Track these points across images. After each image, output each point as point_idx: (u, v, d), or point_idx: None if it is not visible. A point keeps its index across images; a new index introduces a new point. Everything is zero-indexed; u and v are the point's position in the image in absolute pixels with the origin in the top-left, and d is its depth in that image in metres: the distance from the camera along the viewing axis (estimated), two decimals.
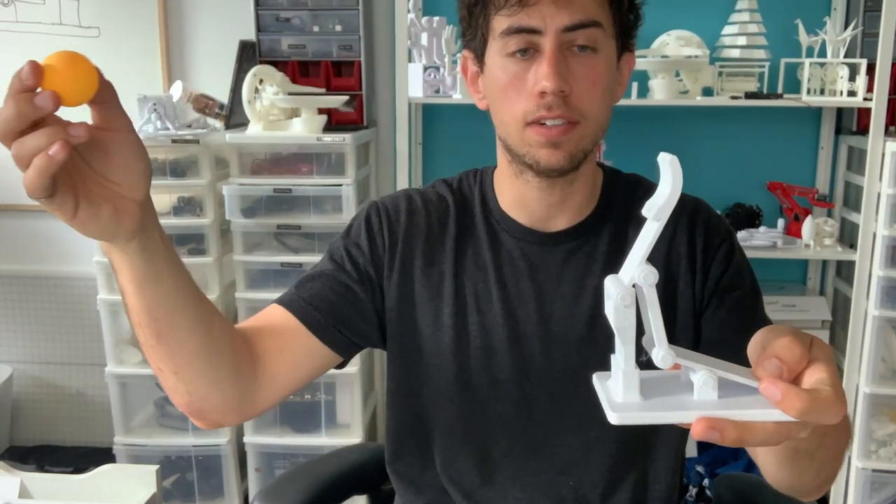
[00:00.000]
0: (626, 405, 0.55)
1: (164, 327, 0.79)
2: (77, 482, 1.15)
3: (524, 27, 0.84)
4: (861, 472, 2.12)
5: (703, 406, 0.54)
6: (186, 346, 0.80)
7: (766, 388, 0.52)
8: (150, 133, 2.05)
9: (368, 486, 1.19)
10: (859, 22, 2.16)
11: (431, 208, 1.00)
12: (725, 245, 0.97)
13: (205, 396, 0.85)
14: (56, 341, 2.63)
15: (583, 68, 0.85)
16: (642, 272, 0.55)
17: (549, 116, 0.85)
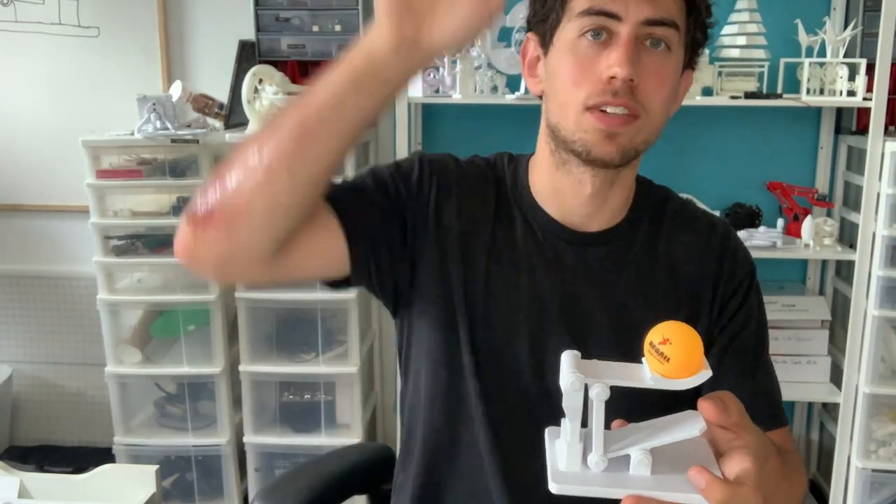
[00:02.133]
0: (566, 476, 0.62)
1: (349, 133, 0.78)
2: (77, 482, 1.15)
3: (605, 10, 0.83)
4: (861, 472, 2.12)
5: (636, 483, 0.61)
6: (331, 160, 0.79)
7: (694, 476, 0.60)
8: (149, 133, 2.04)
9: (368, 486, 1.19)
10: (859, 22, 2.16)
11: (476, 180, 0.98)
12: (746, 282, 0.98)
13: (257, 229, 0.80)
14: (56, 341, 2.63)
15: (654, 64, 0.85)
16: (596, 389, 0.60)
17: (613, 103, 0.84)
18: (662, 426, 0.63)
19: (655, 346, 0.60)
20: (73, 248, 2.55)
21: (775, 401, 0.98)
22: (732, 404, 0.63)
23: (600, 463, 0.61)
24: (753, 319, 0.98)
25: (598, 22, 0.84)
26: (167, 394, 2.28)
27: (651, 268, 0.96)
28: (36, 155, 2.49)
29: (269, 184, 0.77)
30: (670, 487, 0.60)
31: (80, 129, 2.23)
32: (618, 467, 0.62)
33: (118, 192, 2.13)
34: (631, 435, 0.63)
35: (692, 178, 2.34)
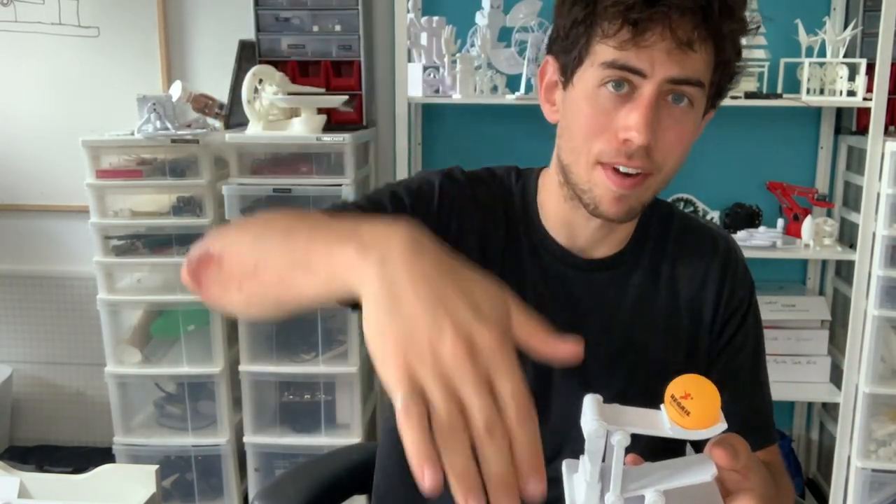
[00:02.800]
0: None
1: (292, 304, 0.69)
2: (77, 482, 1.15)
3: (630, 66, 0.80)
4: (861, 472, 2.12)
5: None
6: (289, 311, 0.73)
7: None
8: (149, 133, 2.04)
9: (369, 486, 1.19)
10: (859, 22, 2.16)
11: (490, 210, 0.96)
12: (747, 301, 0.98)
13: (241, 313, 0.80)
14: (56, 341, 2.63)
15: (673, 121, 0.82)
16: (618, 437, 0.61)
17: (626, 164, 0.82)
18: (676, 469, 0.66)
19: (677, 398, 0.62)
20: (73, 248, 2.55)
21: (768, 419, 1.00)
22: (742, 448, 0.64)
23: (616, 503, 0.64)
24: (751, 338, 0.99)
25: (621, 76, 0.81)
26: (167, 394, 2.28)
27: (654, 290, 0.97)
28: (36, 155, 2.49)
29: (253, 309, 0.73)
30: None
31: (80, 129, 2.23)
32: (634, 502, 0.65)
33: (118, 192, 2.13)
34: (646, 476, 0.66)
35: (692, 178, 2.33)
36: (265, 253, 0.68)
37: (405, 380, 0.49)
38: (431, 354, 0.49)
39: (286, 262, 0.65)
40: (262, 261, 0.67)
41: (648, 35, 0.78)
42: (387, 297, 0.52)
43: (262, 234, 0.70)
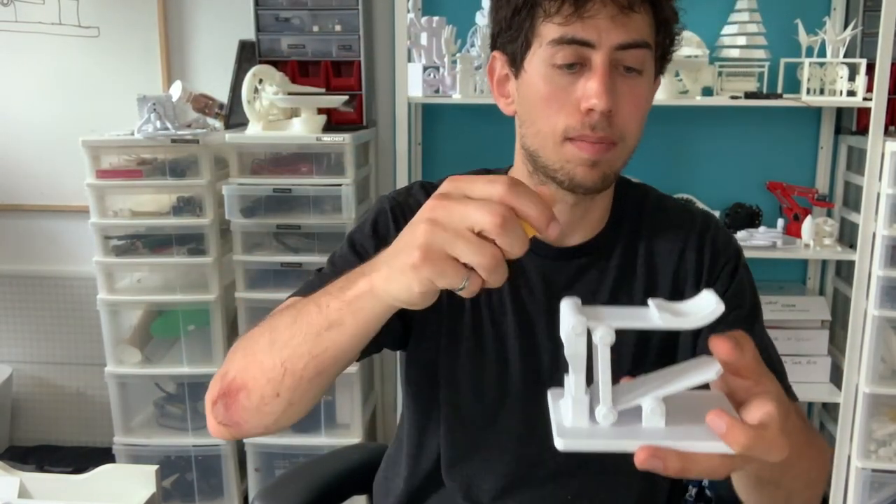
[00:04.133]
0: (574, 431, 0.57)
1: (331, 369, 0.74)
2: (77, 482, 1.15)
3: (577, 39, 0.81)
4: (861, 472, 2.12)
5: (650, 435, 0.55)
6: (331, 380, 0.78)
7: (713, 420, 0.54)
8: (149, 133, 2.04)
9: (368, 486, 1.19)
10: (859, 22, 2.16)
11: None
12: (731, 265, 0.97)
13: (287, 423, 0.81)
14: (56, 341, 2.63)
15: (628, 88, 0.84)
16: (601, 332, 0.55)
17: (592, 137, 0.83)
18: (674, 374, 0.58)
19: None
20: (73, 248, 2.55)
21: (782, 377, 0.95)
22: (747, 343, 0.58)
23: (609, 416, 0.56)
24: (746, 301, 0.97)
25: (573, 53, 0.82)
26: (167, 394, 2.28)
27: (632, 271, 0.96)
28: (36, 155, 2.49)
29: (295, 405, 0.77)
30: (688, 436, 0.55)
31: (80, 129, 2.23)
32: (629, 421, 0.57)
33: (118, 192, 2.13)
34: (641, 386, 0.58)
35: (692, 178, 2.34)
36: (286, 346, 0.73)
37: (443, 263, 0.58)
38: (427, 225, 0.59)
39: (310, 338, 0.71)
40: (287, 354, 0.73)
41: (590, 5, 0.80)
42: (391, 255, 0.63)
43: (272, 339, 0.75)
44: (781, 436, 0.55)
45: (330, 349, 0.71)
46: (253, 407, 0.77)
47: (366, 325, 0.68)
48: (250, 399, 0.76)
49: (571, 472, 0.97)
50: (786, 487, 0.72)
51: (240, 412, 0.78)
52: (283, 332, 0.74)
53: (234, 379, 0.78)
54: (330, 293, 0.70)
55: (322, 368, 0.73)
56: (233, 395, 0.78)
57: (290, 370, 0.73)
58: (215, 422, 0.81)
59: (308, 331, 0.71)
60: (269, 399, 0.75)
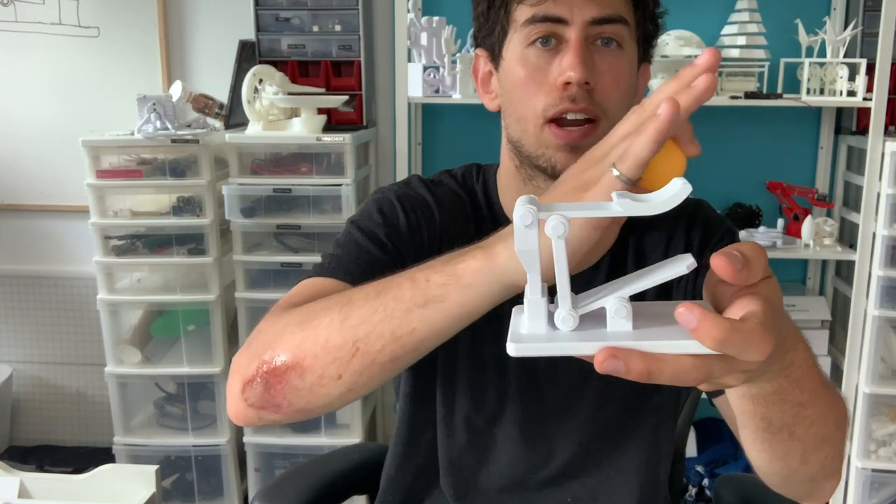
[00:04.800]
0: (529, 336, 0.51)
1: (409, 356, 0.68)
2: (77, 482, 1.15)
3: (550, 16, 0.81)
4: (861, 472, 2.12)
5: (615, 337, 0.49)
6: (397, 372, 0.71)
7: (682, 314, 0.46)
8: (149, 133, 2.04)
9: (368, 486, 1.19)
10: (859, 22, 2.16)
11: (453, 209, 0.95)
12: (724, 242, 0.95)
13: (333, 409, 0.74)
14: (56, 341, 2.63)
15: (607, 64, 0.83)
16: (552, 222, 0.49)
17: (572, 109, 0.82)
18: (641, 273, 0.52)
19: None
20: (73, 248, 2.55)
21: None
22: (755, 256, 0.50)
23: (568, 319, 0.50)
24: None
25: (545, 29, 0.82)
26: (167, 394, 2.28)
27: (622, 263, 0.95)
28: (36, 155, 2.49)
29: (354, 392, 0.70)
30: (655, 337, 0.48)
31: (80, 129, 2.23)
32: (592, 325, 0.51)
33: (118, 192, 2.13)
34: (604, 289, 0.52)
35: (692, 178, 2.33)
36: (364, 323, 0.67)
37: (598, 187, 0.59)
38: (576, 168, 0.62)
39: (398, 315, 0.65)
40: (364, 332, 0.66)
41: None
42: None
43: (344, 314, 0.68)
44: (763, 330, 0.47)
45: (418, 331, 0.64)
46: (305, 388, 0.69)
47: (471, 305, 0.63)
48: (304, 379, 0.69)
49: (569, 475, 0.97)
50: (800, 438, 0.67)
51: (285, 393, 0.70)
52: (362, 307, 0.67)
53: (282, 358, 0.69)
54: (431, 268, 0.64)
55: (400, 354, 0.66)
56: (280, 374, 0.69)
57: (364, 351, 0.66)
58: (244, 404, 0.73)
59: (396, 307, 0.65)
60: (328, 381, 0.68)
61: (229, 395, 0.75)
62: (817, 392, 0.65)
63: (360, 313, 0.67)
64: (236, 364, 0.74)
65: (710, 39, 2.22)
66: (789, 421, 0.65)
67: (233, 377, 0.74)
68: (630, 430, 0.96)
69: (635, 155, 0.55)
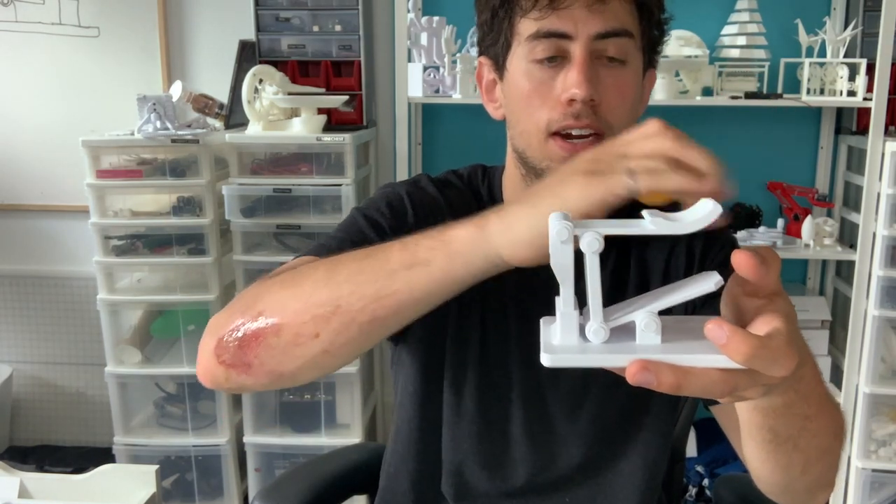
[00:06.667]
0: (562, 347, 0.53)
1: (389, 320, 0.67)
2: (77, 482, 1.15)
3: (554, 31, 0.81)
4: (861, 472, 2.12)
5: (644, 350, 0.51)
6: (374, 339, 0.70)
7: (712, 330, 0.49)
8: (149, 133, 2.04)
9: (368, 486, 1.19)
10: (859, 22, 2.16)
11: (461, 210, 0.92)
12: (724, 251, 0.95)
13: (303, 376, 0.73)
14: (56, 341, 2.63)
15: (612, 79, 0.82)
16: (587, 238, 0.51)
17: (576, 125, 0.81)
18: (670, 289, 0.54)
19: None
20: (73, 248, 2.55)
21: None
22: (773, 260, 0.52)
23: (600, 332, 0.52)
24: None
25: (551, 45, 0.81)
26: (167, 394, 2.28)
27: (625, 273, 0.96)
28: (36, 155, 2.49)
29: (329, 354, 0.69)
30: (684, 350, 0.50)
31: (80, 129, 2.23)
32: (622, 338, 0.53)
33: (118, 192, 2.13)
34: (634, 303, 0.54)
35: None
36: (348, 281, 0.67)
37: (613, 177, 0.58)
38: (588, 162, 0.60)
39: (383, 275, 0.65)
40: (347, 290, 0.67)
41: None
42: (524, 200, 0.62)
43: (330, 273, 0.69)
44: (788, 346, 0.50)
45: (399, 293, 0.64)
46: (281, 346, 0.68)
47: (455, 272, 0.62)
48: (280, 336, 0.68)
49: (570, 479, 0.97)
50: (803, 450, 0.68)
51: (258, 352, 0.69)
52: (349, 265, 0.67)
53: (262, 315, 0.69)
54: (425, 234, 0.65)
55: (379, 315, 0.66)
56: (257, 332, 0.69)
57: (344, 309, 0.66)
58: (215, 362, 0.72)
59: (382, 267, 0.65)
60: (304, 339, 0.68)
61: (201, 352, 0.74)
62: (821, 405, 0.66)
63: (347, 272, 0.67)
64: (213, 323, 0.74)
65: (711, 39, 2.22)
66: (795, 433, 0.66)
67: (207, 335, 0.73)
68: (629, 434, 0.97)
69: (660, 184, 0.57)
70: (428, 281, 0.64)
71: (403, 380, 1.00)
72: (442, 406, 0.97)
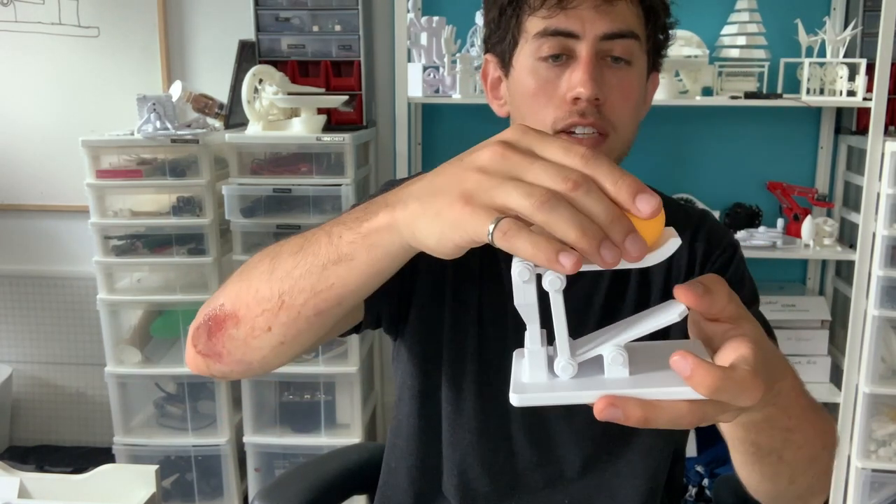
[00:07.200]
0: (530, 385, 0.53)
1: (333, 310, 0.67)
2: (77, 482, 1.15)
3: (562, 30, 0.82)
4: (861, 472, 2.12)
5: (613, 384, 0.51)
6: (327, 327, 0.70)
7: (677, 363, 0.48)
8: (149, 133, 2.04)
9: (368, 486, 1.19)
10: (859, 22, 2.16)
11: None
12: (725, 255, 0.97)
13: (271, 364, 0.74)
14: (56, 341, 2.63)
15: (616, 80, 0.83)
16: (549, 277, 0.50)
17: (581, 123, 0.82)
18: (636, 320, 0.54)
19: None
20: (73, 248, 2.55)
21: None
22: (718, 287, 0.53)
23: (568, 368, 0.52)
24: (745, 286, 0.96)
25: (557, 44, 0.82)
26: (167, 394, 2.28)
27: (626, 273, 0.96)
28: (36, 155, 2.49)
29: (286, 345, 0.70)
30: (651, 384, 0.50)
31: (80, 129, 2.23)
32: (591, 373, 0.53)
33: (118, 192, 2.13)
34: (601, 336, 0.54)
35: (692, 178, 2.34)
36: (287, 277, 0.67)
37: (480, 212, 0.49)
38: (478, 174, 0.50)
39: (315, 270, 0.64)
40: (288, 286, 0.66)
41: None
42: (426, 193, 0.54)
43: (272, 267, 0.69)
44: (754, 377, 0.49)
45: (336, 287, 0.64)
46: (240, 338, 0.71)
47: (379, 263, 0.61)
48: (239, 329, 0.70)
49: (568, 477, 0.97)
50: (788, 461, 0.69)
51: (224, 342, 0.72)
52: (286, 261, 0.67)
53: (223, 305, 0.72)
54: (344, 223, 0.63)
55: (323, 308, 0.66)
56: (220, 323, 0.72)
57: (288, 304, 0.66)
58: (194, 350, 0.76)
59: (314, 262, 0.65)
60: (259, 332, 0.69)
61: (187, 342, 0.78)
62: (805, 417, 0.67)
63: (285, 266, 0.67)
64: (198, 313, 0.78)
65: (711, 39, 2.22)
66: (778, 445, 0.67)
67: (192, 323, 0.77)
68: (628, 435, 0.97)
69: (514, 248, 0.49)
70: (358, 274, 0.63)
71: (402, 375, 1.00)
72: (441, 402, 0.97)
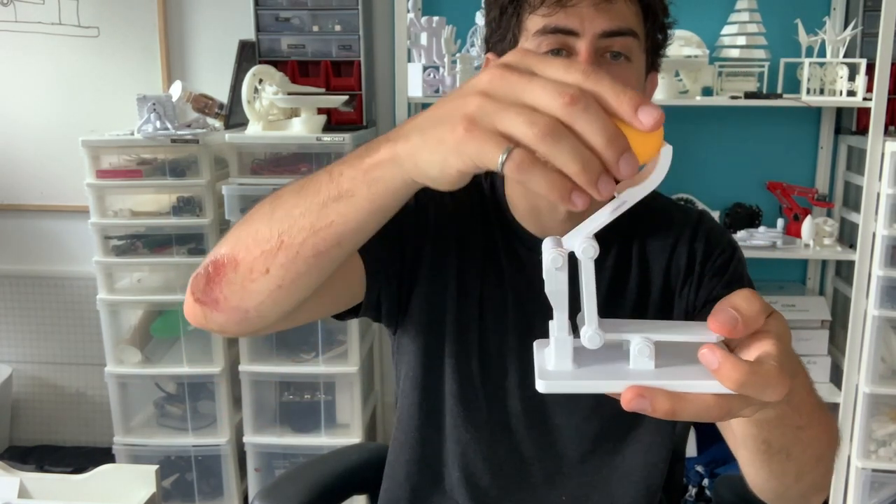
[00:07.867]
0: (556, 373, 0.53)
1: (332, 251, 0.67)
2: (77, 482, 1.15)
3: (561, 27, 0.82)
4: (861, 472, 2.12)
5: (638, 375, 0.51)
6: (325, 272, 0.70)
7: (705, 356, 0.49)
8: (149, 133, 2.04)
9: (368, 486, 1.19)
10: (859, 22, 2.16)
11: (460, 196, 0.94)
12: (724, 256, 0.97)
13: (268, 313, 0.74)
14: (56, 341, 2.63)
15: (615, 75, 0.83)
16: (582, 245, 0.51)
17: None
18: (670, 325, 0.55)
19: None
20: (73, 248, 2.55)
21: None
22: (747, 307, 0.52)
23: (595, 338, 0.52)
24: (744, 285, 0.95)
25: (556, 41, 0.83)
26: (167, 394, 2.28)
27: (626, 269, 0.97)
28: (36, 155, 2.49)
29: (283, 290, 0.70)
30: (678, 376, 0.51)
31: (80, 129, 2.23)
32: (615, 361, 0.53)
33: (118, 192, 2.13)
34: (631, 324, 0.55)
35: (692, 178, 2.34)
36: (287, 217, 0.67)
37: (483, 136, 0.49)
38: (479, 97, 0.49)
39: (315, 208, 0.65)
40: (287, 225, 0.67)
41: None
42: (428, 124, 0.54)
43: (273, 208, 0.70)
44: (780, 372, 0.50)
45: (335, 224, 0.64)
46: (238, 282, 0.70)
47: (380, 199, 0.60)
48: (237, 272, 0.70)
49: (566, 474, 0.97)
50: (796, 459, 0.69)
51: (221, 287, 0.72)
52: (287, 201, 0.68)
53: (223, 251, 0.72)
54: (346, 161, 0.63)
55: (321, 248, 0.65)
56: (219, 268, 0.72)
57: (287, 244, 0.67)
58: (192, 298, 0.76)
59: (314, 200, 0.64)
60: (257, 275, 0.69)
61: (186, 291, 0.78)
62: (814, 415, 0.68)
63: (285, 206, 0.68)
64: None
65: (711, 39, 2.22)
66: (788, 443, 0.67)
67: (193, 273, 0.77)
68: (627, 432, 0.97)
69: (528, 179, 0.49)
70: (358, 210, 0.62)
71: (405, 368, 1.00)
72: (444, 395, 0.97)
